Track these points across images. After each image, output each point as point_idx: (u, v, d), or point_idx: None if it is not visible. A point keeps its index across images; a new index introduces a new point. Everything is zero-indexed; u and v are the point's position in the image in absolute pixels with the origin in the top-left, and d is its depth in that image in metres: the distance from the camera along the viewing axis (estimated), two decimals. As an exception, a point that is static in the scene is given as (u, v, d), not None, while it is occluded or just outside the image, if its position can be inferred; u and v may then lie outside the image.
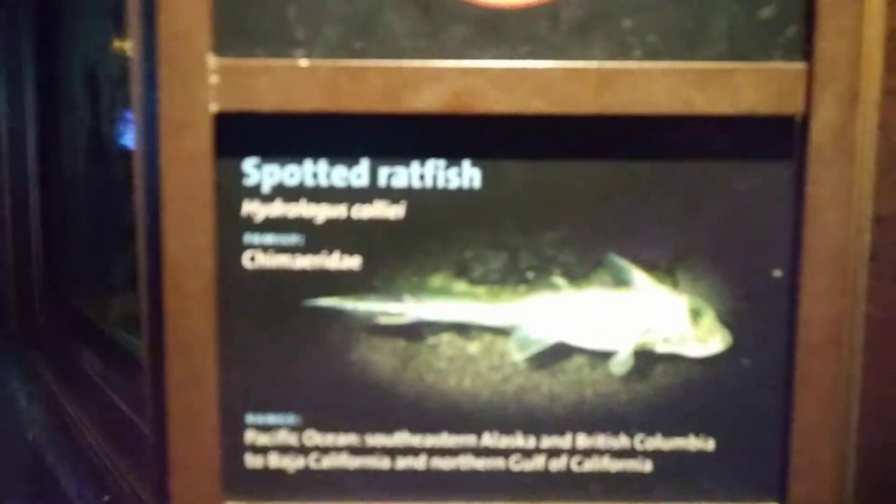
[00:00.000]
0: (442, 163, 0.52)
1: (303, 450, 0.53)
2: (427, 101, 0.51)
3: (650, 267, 0.52)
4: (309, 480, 0.52)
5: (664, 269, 0.52)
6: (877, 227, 0.67)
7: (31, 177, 2.71)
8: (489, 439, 0.52)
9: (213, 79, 0.51)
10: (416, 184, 0.53)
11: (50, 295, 2.79)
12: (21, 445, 2.59)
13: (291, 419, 0.53)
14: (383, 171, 0.53)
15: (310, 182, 0.53)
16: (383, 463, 0.52)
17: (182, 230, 0.52)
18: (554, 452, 0.52)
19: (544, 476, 0.52)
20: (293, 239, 0.53)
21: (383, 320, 0.53)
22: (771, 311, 0.51)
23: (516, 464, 0.52)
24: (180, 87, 0.51)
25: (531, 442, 0.52)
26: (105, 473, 1.89)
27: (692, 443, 0.52)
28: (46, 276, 2.77)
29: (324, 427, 0.53)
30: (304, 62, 0.51)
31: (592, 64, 0.50)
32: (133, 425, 2.14)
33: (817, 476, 0.49)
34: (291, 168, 0.53)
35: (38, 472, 2.40)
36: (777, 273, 0.51)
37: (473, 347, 0.52)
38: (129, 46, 0.54)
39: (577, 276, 0.52)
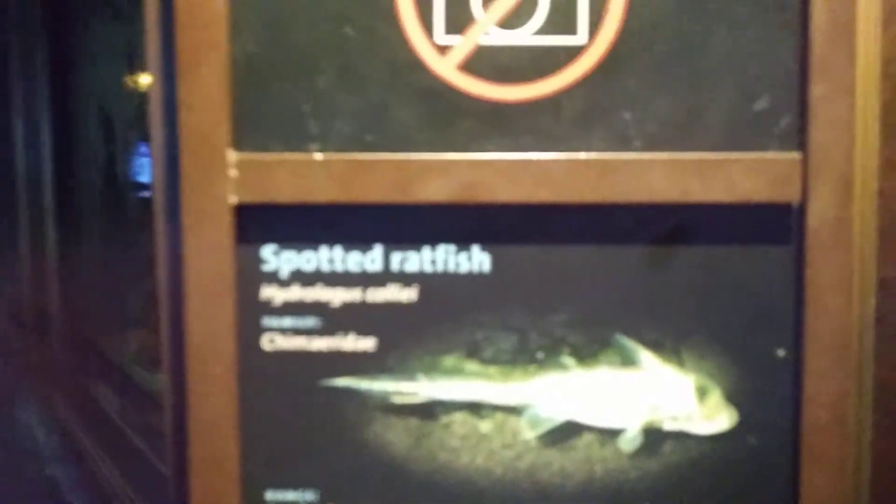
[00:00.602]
0: (452, 248, 0.54)
1: None
2: (436, 192, 0.53)
3: (656, 347, 0.54)
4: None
5: (670, 348, 0.53)
6: (881, 291, 0.68)
7: (47, 213, 2.76)
8: (503, 520, 0.53)
9: (233, 172, 0.54)
10: (428, 268, 0.55)
11: (66, 330, 2.82)
12: (38, 479, 2.61)
13: (310, 495, 0.55)
14: (396, 257, 0.55)
15: (326, 267, 0.55)
16: (400, 543, 0.53)
17: (204, 315, 0.54)
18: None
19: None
20: (310, 322, 0.55)
21: (397, 399, 0.54)
22: (776, 389, 0.53)
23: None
24: (201, 180, 0.54)
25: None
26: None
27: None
28: (63, 312, 2.81)
29: (341, 503, 0.54)
30: (318, 156, 0.53)
31: (593, 155, 0.52)
32: (148, 460, 2.15)
33: (825, 553, 0.50)
34: (308, 254, 0.55)
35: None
36: (781, 353, 0.53)
37: (486, 426, 0.54)
38: (150, 142, 0.56)
39: (585, 356, 0.54)
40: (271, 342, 0.55)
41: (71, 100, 2.67)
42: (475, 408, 0.54)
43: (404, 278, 0.55)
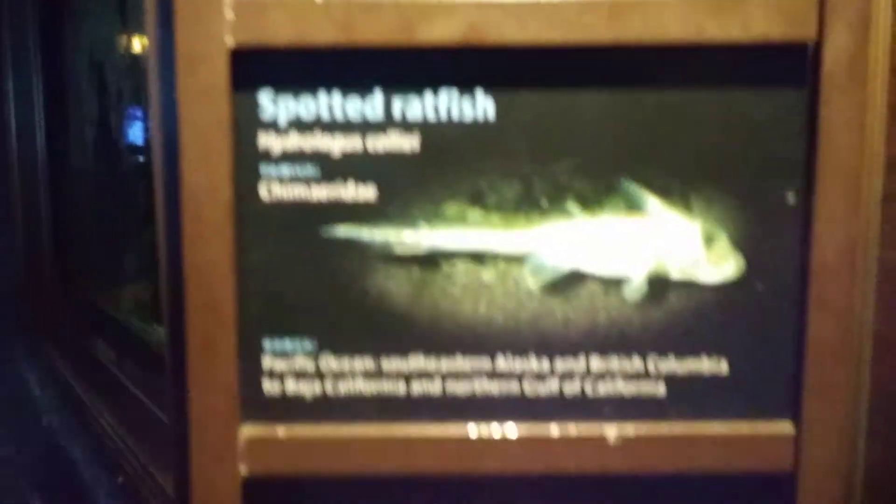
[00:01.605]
0: (455, 93, 0.53)
1: (319, 375, 0.53)
2: (441, 33, 0.51)
3: (663, 192, 0.52)
4: (325, 405, 0.52)
5: (678, 194, 0.52)
6: (889, 171, 0.67)
7: (40, 169, 2.73)
8: (503, 363, 0.53)
9: (229, 13, 0.52)
10: (431, 115, 0.53)
11: (61, 286, 2.81)
12: (36, 431, 2.61)
13: (308, 344, 0.54)
14: (397, 103, 0.53)
15: (325, 114, 0.53)
16: (398, 387, 0.53)
17: (200, 162, 0.53)
18: (567, 375, 0.52)
19: (558, 399, 0.52)
20: (309, 170, 0.54)
21: (399, 249, 0.53)
22: (784, 235, 0.52)
23: (530, 387, 0.53)
24: (196, 22, 0.52)
25: (545, 365, 0.53)
26: (119, 456, 1.91)
27: (706, 365, 0.52)
28: (57, 268, 2.80)
29: (340, 352, 0.53)
30: (318, -2, 0.51)
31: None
32: (146, 408, 2.15)
33: (831, 396, 0.50)
34: (307, 101, 0.53)
35: (52, 456, 2.43)
36: (790, 197, 0.52)
37: (488, 274, 0.53)
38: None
39: (590, 203, 0.53)
40: (269, 191, 0.54)
41: (63, 52, 2.64)
42: (477, 257, 0.53)
43: (406, 126, 0.53)
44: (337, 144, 0.54)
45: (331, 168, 0.54)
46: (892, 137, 0.67)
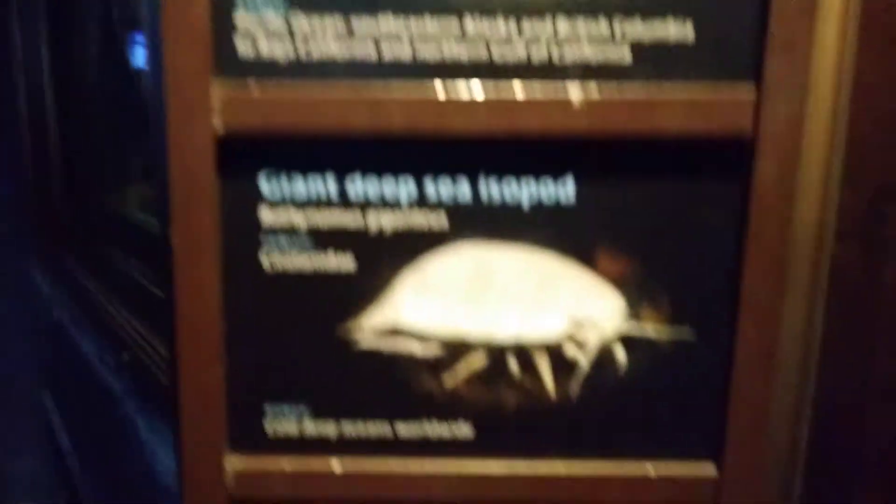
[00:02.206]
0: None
1: (290, 34, 0.53)
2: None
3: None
4: (297, 65, 0.53)
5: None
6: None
7: (45, 72, 2.74)
8: (472, 25, 0.53)
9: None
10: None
11: (68, 187, 2.84)
12: (47, 324, 2.67)
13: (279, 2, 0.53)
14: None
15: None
16: (369, 48, 0.53)
17: None
18: (534, 39, 0.53)
19: (525, 62, 0.53)
20: None
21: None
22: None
23: (498, 50, 0.53)
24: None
25: (512, 27, 0.53)
26: (126, 338, 1.95)
27: (671, 28, 0.53)
28: (65, 170, 2.82)
29: (310, 11, 0.53)
30: None
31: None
32: (154, 296, 2.19)
33: (793, 56, 0.50)
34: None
35: (63, 347, 2.48)
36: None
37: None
38: None
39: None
40: None
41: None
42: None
43: None
44: None
45: None
46: None
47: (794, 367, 0.74)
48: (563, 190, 0.54)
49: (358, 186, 0.54)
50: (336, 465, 0.56)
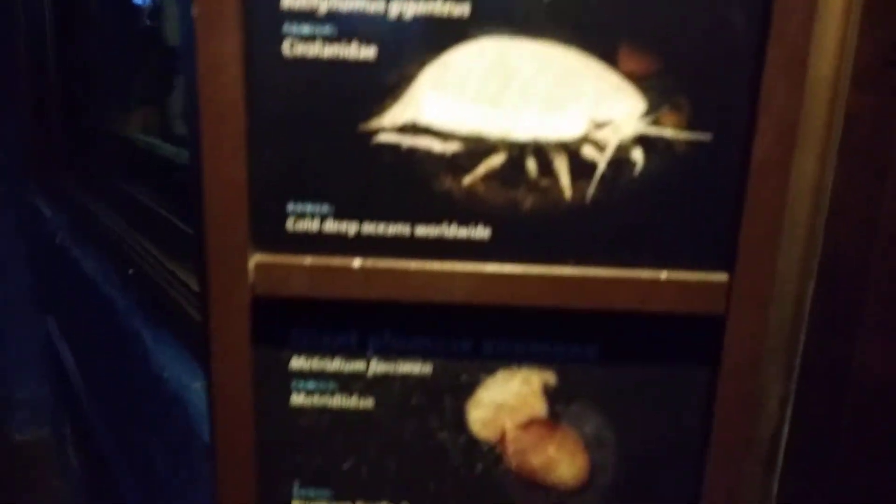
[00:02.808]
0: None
1: None
2: None
3: None
4: None
5: None
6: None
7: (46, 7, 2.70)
8: None
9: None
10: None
11: (67, 110, 2.82)
12: (48, 251, 2.68)
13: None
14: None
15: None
16: None
17: None
18: None
19: None
20: None
21: None
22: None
23: None
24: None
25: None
26: (130, 253, 1.96)
27: None
28: (63, 92, 2.80)
29: None
30: None
31: None
32: (156, 213, 2.20)
33: None
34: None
35: (66, 270, 2.49)
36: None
37: None
38: None
39: None
40: None
41: None
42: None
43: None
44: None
45: None
46: None
47: (803, 222, 0.75)
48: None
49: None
50: (356, 262, 0.57)
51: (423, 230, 0.57)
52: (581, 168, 0.56)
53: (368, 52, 0.54)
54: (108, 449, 2.14)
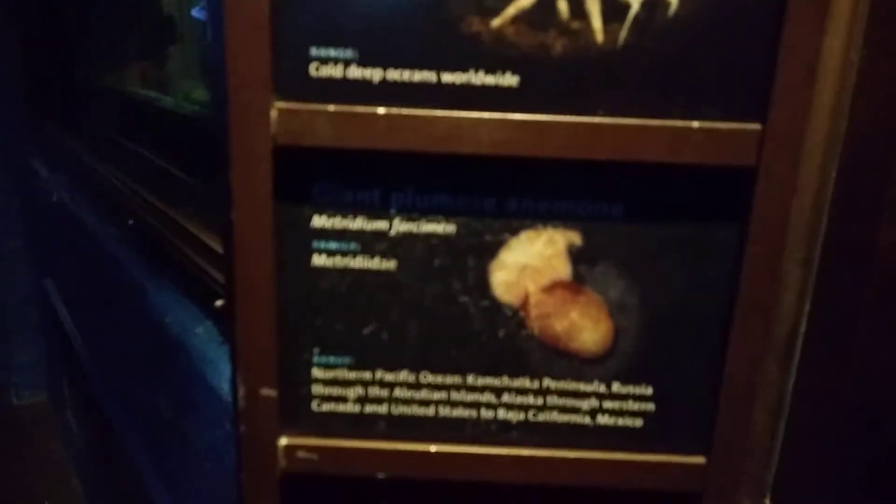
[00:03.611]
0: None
1: None
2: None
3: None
4: None
5: None
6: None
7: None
8: None
9: None
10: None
11: (64, 70, 2.80)
12: (48, 211, 2.65)
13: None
14: None
15: None
16: None
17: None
18: None
19: None
20: None
21: None
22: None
23: None
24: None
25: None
26: (132, 206, 1.94)
27: None
28: (58, 49, 2.77)
29: None
30: None
31: None
32: (154, 164, 2.18)
33: None
34: None
35: (64, 230, 2.47)
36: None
37: None
38: None
39: None
40: None
41: None
42: None
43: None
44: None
45: None
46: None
47: (827, 103, 0.74)
48: None
49: None
50: (380, 109, 0.56)
51: (449, 77, 0.56)
52: (613, 9, 0.55)
53: None
54: (111, 407, 2.13)
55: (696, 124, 0.57)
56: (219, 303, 1.31)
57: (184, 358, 1.44)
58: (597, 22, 0.55)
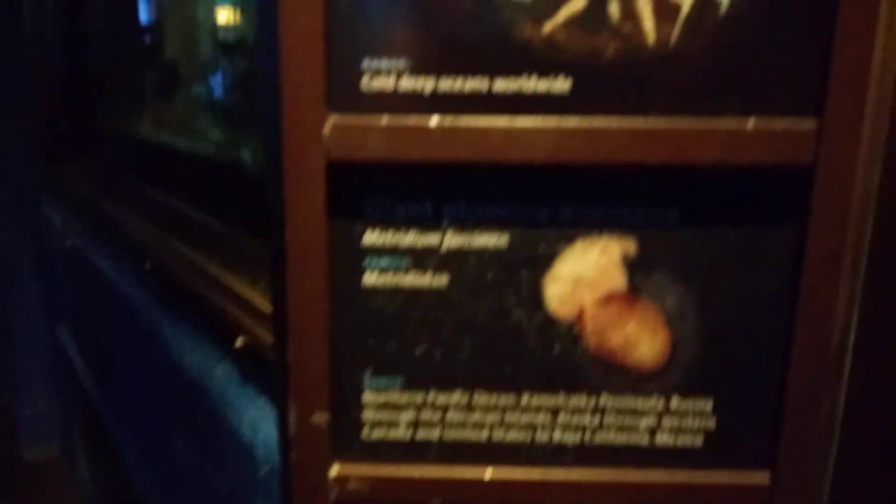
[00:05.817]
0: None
1: None
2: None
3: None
4: None
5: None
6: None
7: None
8: None
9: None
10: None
11: (77, 115, 2.82)
12: (61, 257, 2.65)
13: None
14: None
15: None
16: None
17: None
18: None
19: None
20: None
21: None
22: None
23: None
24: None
25: None
26: (146, 247, 1.94)
27: None
28: (71, 94, 2.80)
29: None
30: None
31: None
32: (170, 206, 2.18)
33: None
34: None
35: (78, 275, 2.47)
36: None
37: None
38: None
39: None
40: None
41: None
42: None
43: None
44: None
45: None
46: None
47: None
48: None
49: None
50: (433, 120, 0.56)
51: (501, 84, 0.56)
52: (665, 10, 0.54)
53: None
54: (126, 456, 2.08)
55: (751, 123, 0.56)
56: (239, 342, 1.29)
57: (202, 400, 1.41)
58: (648, 23, 0.55)
